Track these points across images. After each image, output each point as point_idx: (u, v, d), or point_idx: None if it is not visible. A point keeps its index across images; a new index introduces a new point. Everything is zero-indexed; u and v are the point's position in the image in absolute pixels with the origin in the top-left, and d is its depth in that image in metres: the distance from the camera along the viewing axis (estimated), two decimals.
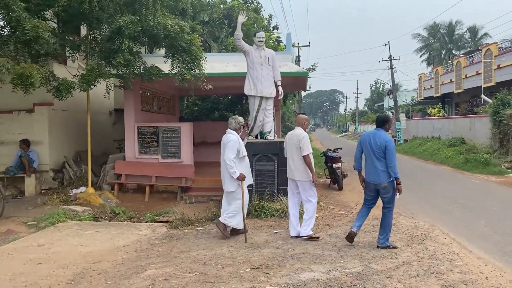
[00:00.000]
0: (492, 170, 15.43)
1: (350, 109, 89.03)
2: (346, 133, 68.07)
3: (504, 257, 5.99)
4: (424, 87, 36.22)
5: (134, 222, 8.37)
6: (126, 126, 11.49)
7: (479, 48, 29.78)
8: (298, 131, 6.80)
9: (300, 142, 6.60)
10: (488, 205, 9.71)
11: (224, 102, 18.40)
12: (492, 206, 9.59)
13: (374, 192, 6.27)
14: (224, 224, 6.75)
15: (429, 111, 31.49)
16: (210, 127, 15.77)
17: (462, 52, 51.41)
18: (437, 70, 33.50)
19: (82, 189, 10.42)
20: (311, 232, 6.68)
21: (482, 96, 20.75)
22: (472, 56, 28.45)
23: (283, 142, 9.14)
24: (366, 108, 75.03)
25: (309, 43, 36.46)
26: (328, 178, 13.20)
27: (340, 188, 12.32)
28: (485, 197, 10.91)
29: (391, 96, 35.56)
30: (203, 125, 16.05)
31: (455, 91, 29.21)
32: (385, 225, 6.22)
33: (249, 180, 6.90)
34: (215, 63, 10.84)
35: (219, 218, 6.86)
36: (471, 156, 17.84)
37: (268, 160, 9.00)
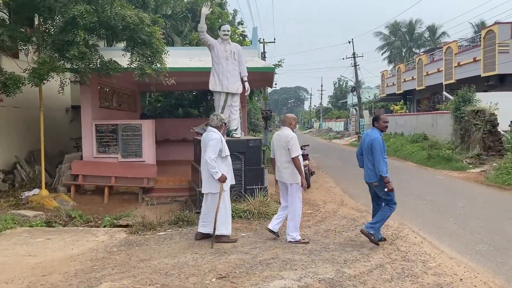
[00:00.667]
0: (454, 165, 15.68)
1: (314, 105, 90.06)
2: (311, 130, 68.61)
3: (476, 256, 5.89)
4: (387, 84, 36.84)
5: (91, 226, 7.79)
6: (83, 124, 10.82)
7: (440, 46, 30.49)
8: (286, 131, 6.43)
9: (289, 144, 6.23)
10: (455, 202, 9.74)
11: (188, 99, 17.87)
12: (458, 203, 9.61)
13: (373, 189, 6.28)
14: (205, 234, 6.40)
15: (391, 108, 32.01)
16: (174, 125, 15.24)
17: (422, 50, 52.85)
18: (399, 67, 34.11)
19: (35, 191, 9.71)
20: (299, 237, 6.36)
21: (444, 93, 21.17)
22: (433, 54, 29.08)
23: (251, 140, 8.88)
24: (329, 105, 75.94)
25: (274, 39, 36.24)
26: None
27: (308, 186, 12.11)
28: (451, 194, 10.98)
29: (355, 93, 35.97)
30: (166, 122, 15.48)
31: (417, 88, 29.81)
32: (379, 216, 6.13)
33: (231, 180, 6.51)
34: (178, 58, 10.35)
35: (201, 231, 6.43)
36: (434, 152, 18.12)
37: (235, 159, 8.60)
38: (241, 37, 16.91)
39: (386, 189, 5.99)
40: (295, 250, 5.97)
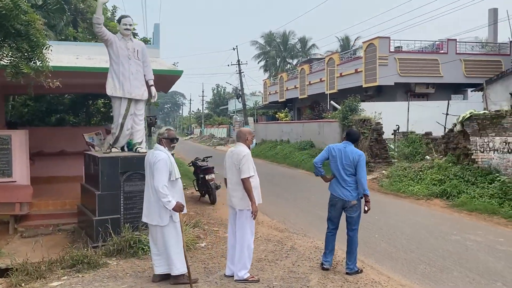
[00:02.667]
0: None
1: (193, 111, 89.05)
2: (191, 136, 67.31)
3: (424, 280, 5.52)
4: (269, 92, 37.54)
5: None
6: None
7: (323, 57, 31.98)
8: (240, 148, 5.34)
9: (240, 162, 5.15)
10: (367, 214, 9.58)
11: (64, 103, 15.40)
12: (372, 215, 9.47)
13: (340, 210, 5.74)
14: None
15: (277, 116, 32.60)
16: (48, 134, 12.82)
17: (303, 60, 55.61)
18: (281, 76, 34.98)
19: None
20: (248, 274, 5.27)
21: (331, 102, 21.94)
22: (314, 64, 30.33)
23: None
24: (207, 111, 75.68)
25: (150, 39, 34.31)
26: (197, 191, 11.87)
27: (214, 202, 11.10)
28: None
29: (240, 100, 35.90)
30: (39, 132, 12.96)
31: (300, 97, 30.75)
32: (353, 249, 5.66)
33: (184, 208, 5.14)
34: (62, 55, 8.47)
35: (159, 272, 5.11)
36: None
37: (141, 179, 7.17)
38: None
39: (366, 209, 5.54)
40: None
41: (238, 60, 34.61)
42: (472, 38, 24.70)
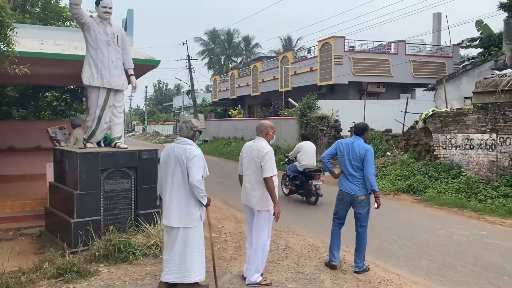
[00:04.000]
0: None
1: (132, 107, 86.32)
2: (133, 133, 64.94)
3: (433, 277, 5.47)
4: (220, 89, 37.02)
5: None
6: None
7: (277, 55, 31.99)
8: (261, 143, 4.92)
9: (262, 160, 4.74)
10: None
11: (9, 95, 14.02)
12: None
13: (348, 206, 5.57)
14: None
15: (230, 113, 32.19)
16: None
17: (240, 59, 55.59)
18: (233, 73, 34.60)
19: None
20: (260, 278, 4.92)
21: (289, 99, 21.93)
22: (268, 61, 30.28)
23: (144, 151, 6.92)
24: (148, 108, 73.56)
25: None
26: None
27: None
28: (332, 200, 10.87)
29: (190, 96, 35.09)
30: None
31: (252, 94, 30.57)
32: (363, 247, 5.51)
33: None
34: (25, 39, 7.56)
35: (166, 280, 4.55)
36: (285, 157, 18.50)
37: (123, 177, 6.61)
38: None
39: (376, 205, 5.38)
40: None
41: (188, 55, 33.75)
42: (419, 41, 25.82)
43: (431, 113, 12.76)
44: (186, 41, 34.84)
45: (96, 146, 7.00)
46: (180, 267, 4.52)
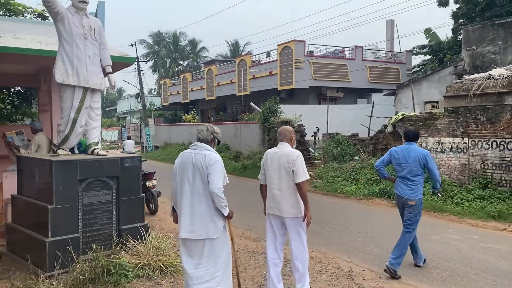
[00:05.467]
0: None
1: None
2: None
3: (451, 287, 5.22)
4: (170, 93, 35.90)
5: None
6: None
7: (233, 59, 31.46)
8: (287, 148, 4.58)
9: (294, 165, 4.39)
10: (329, 216, 9.26)
11: None
12: (332, 218, 9.16)
13: (403, 209, 5.79)
14: None
15: (183, 117, 31.21)
16: None
17: (186, 62, 54.41)
18: (185, 76, 33.68)
19: None
20: None
21: (251, 103, 21.48)
22: (223, 64, 29.72)
23: (126, 158, 6.16)
24: None
25: None
26: None
27: (155, 211, 9.85)
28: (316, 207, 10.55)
29: (139, 100, 33.72)
30: None
31: (207, 98, 29.85)
32: (401, 246, 5.59)
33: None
34: None
35: None
36: (249, 162, 18.07)
37: (103, 188, 5.84)
38: (39, 18, 12.57)
39: (440, 195, 6.19)
40: None
41: (137, 57, 32.38)
42: (373, 47, 26.42)
43: (401, 117, 12.85)
44: (135, 42, 33.13)
45: (70, 153, 6.17)
46: (208, 282, 3.92)
